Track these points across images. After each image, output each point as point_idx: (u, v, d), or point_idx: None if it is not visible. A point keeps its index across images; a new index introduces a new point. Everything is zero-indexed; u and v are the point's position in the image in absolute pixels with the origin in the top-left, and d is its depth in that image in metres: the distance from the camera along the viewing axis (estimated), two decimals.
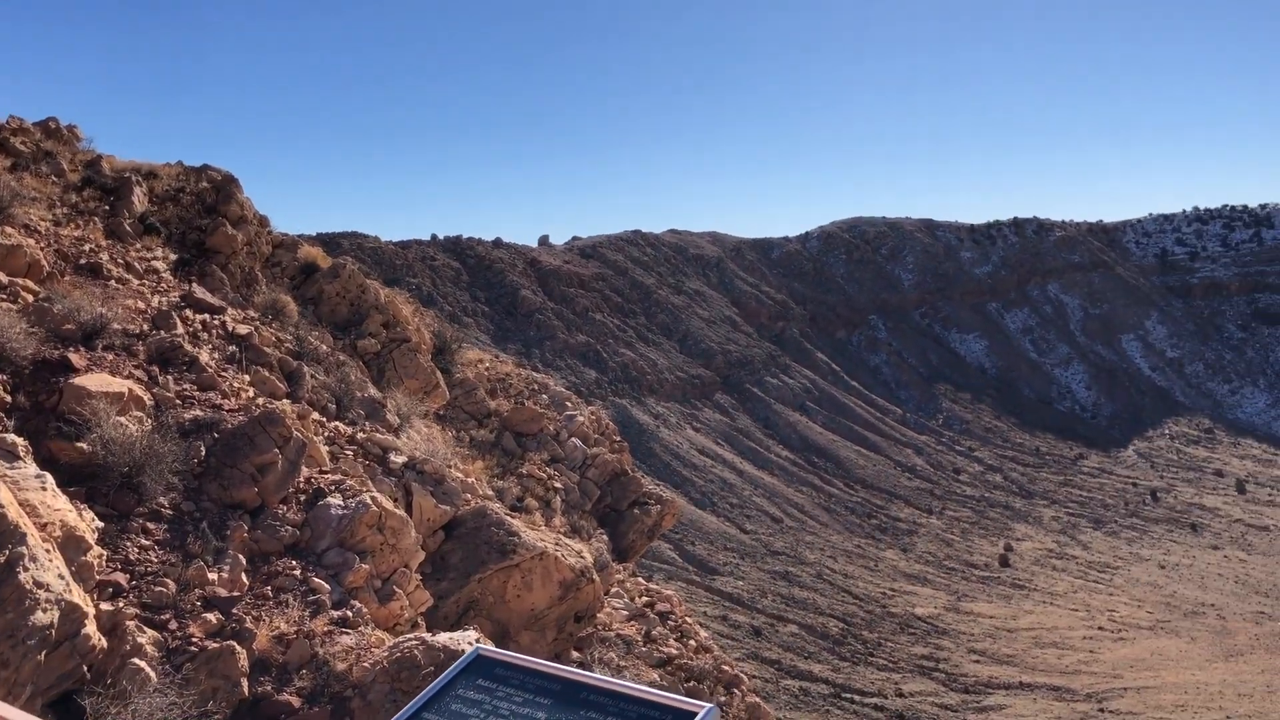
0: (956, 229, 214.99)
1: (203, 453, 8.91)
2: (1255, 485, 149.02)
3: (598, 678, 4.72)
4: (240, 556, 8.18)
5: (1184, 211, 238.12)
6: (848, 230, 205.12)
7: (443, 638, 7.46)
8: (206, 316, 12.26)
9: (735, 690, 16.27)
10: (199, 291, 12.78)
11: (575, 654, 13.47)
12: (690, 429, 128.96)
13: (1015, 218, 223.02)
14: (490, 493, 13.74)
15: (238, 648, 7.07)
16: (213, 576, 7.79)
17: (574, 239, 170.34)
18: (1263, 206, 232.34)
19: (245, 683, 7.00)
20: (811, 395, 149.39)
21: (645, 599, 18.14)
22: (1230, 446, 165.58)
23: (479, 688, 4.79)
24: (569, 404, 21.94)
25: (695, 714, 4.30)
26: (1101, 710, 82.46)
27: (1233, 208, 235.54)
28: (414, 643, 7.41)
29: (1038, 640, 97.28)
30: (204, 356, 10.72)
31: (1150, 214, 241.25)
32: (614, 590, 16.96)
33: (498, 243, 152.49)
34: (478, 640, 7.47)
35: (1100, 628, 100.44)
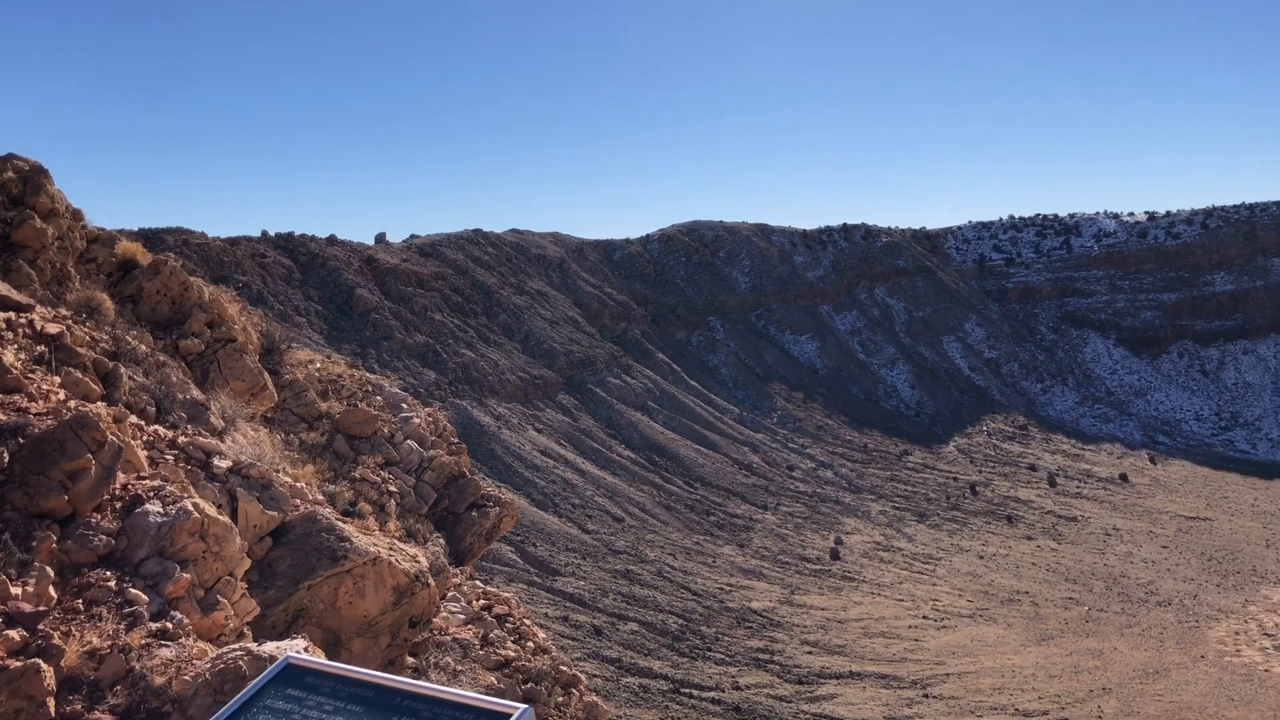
0: (790, 234, 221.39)
1: (6, 459, 8.38)
2: (1065, 479, 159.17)
3: (411, 683, 4.69)
4: (48, 569, 7.73)
5: (1000, 220, 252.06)
6: (687, 233, 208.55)
7: (269, 647, 7.24)
8: (12, 315, 11.52)
9: (573, 690, 16.33)
10: (3, 288, 12.00)
11: (410, 660, 13.26)
12: (532, 430, 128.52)
13: (845, 224, 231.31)
14: (321, 497, 13.38)
15: (43, 665, 6.68)
16: (16, 591, 7.34)
17: (412, 237, 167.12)
18: (1071, 216, 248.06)
19: (51, 702, 6.63)
20: (653, 395, 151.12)
21: (483, 602, 17.99)
22: (1042, 442, 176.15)
23: (288, 697, 4.69)
24: (405, 405, 21.54)
25: (509, 715, 4.33)
26: (926, 696, 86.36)
27: (1045, 217, 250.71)
28: (238, 653, 7.17)
29: (866, 630, 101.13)
30: (9, 357, 10.08)
31: (970, 221, 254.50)
32: (451, 594, 16.77)
33: (332, 240, 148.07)
34: (305, 649, 7.28)
35: (924, 617, 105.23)
